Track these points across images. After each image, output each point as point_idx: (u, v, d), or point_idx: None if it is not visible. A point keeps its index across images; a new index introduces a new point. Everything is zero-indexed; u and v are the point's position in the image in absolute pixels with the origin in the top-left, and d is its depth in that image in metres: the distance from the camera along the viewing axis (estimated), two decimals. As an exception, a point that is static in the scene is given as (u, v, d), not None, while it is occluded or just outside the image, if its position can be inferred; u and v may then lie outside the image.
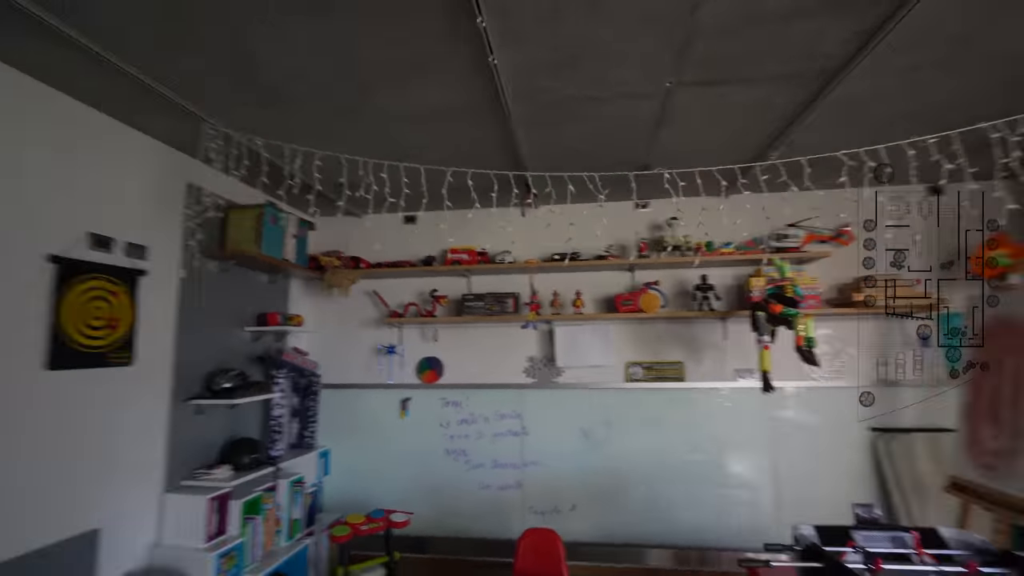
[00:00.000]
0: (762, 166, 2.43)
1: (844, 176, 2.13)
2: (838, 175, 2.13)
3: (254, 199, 2.95)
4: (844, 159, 2.10)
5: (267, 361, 3.11)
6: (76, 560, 2.03)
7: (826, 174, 2.35)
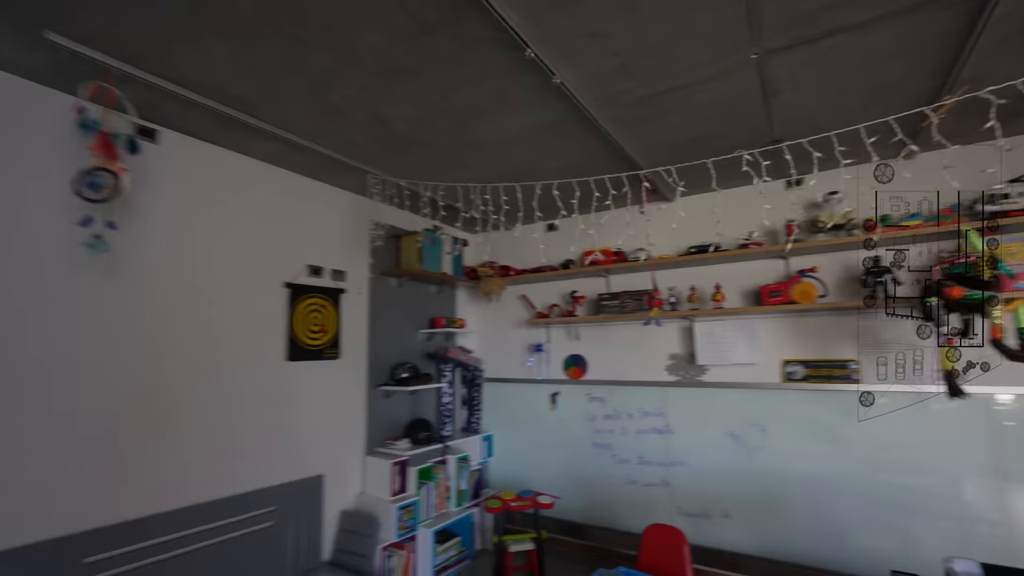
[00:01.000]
0: (937, 112, 1.96)
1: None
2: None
3: (421, 225, 3.65)
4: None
5: (436, 357, 3.77)
6: (312, 494, 2.88)
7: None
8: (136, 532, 2.12)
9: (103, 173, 1.83)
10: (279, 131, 2.37)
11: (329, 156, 2.66)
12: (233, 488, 2.49)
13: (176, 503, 2.27)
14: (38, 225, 1.92)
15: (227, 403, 2.52)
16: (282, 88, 2.04)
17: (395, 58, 1.85)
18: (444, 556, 3.21)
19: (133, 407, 2.17)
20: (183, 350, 2.36)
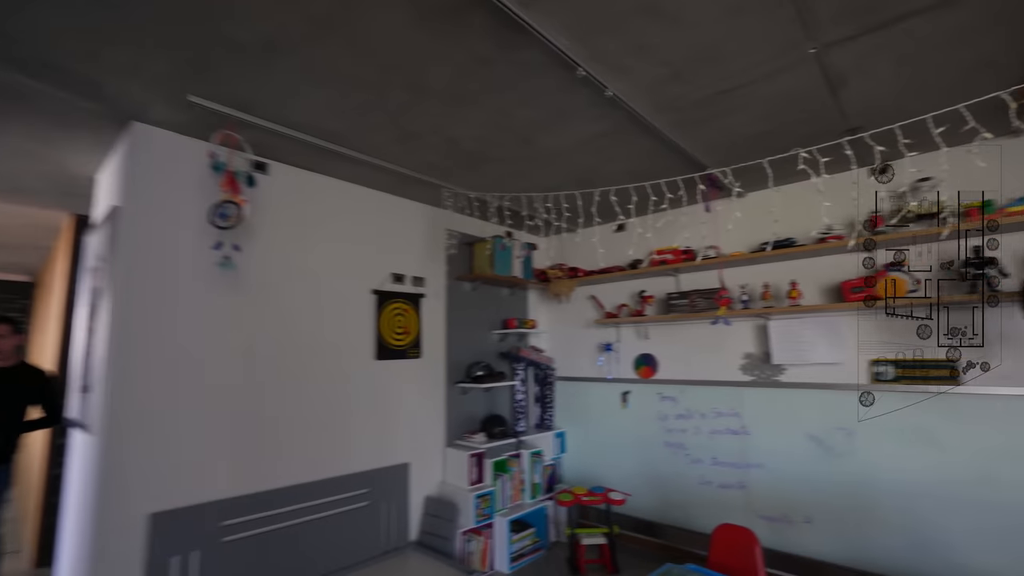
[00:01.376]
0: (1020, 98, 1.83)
1: None
2: None
3: (492, 232, 3.87)
4: None
5: (509, 356, 3.98)
6: (400, 479, 3.20)
7: None
8: (261, 503, 2.53)
9: (230, 205, 2.23)
10: (365, 157, 2.69)
11: (407, 174, 2.96)
12: (336, 470, 2.86)
13: (292, 480, 2.66)
14: (187, 248, 2.37)
15: (330, 396, 2.89)
16: (366, 122, 2.33)
17: (460, 88, 2.06)
18: (519, 544, 3.39)
19: (261, 398, 2.58)
20: (296, 350, 2.75)
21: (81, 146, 2.54)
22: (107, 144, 2.52)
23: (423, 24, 1.67)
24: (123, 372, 2.18)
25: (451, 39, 1.75)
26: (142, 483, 2.19)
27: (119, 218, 2.28)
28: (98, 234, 2.64)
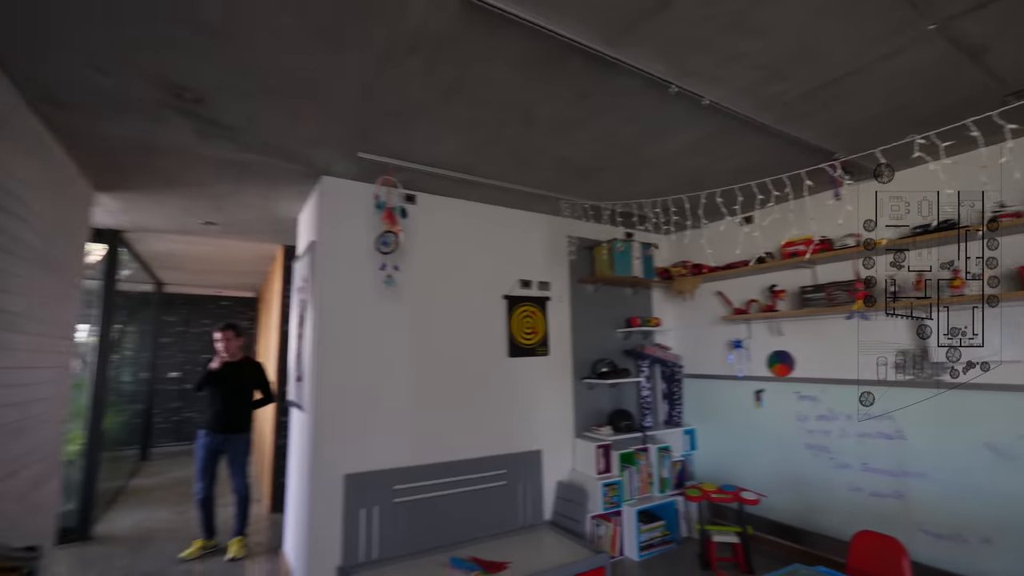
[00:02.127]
0: None
1: None
2: None
3: (612, 235, 4.05)
4: None
5: (633, 354, 4.11)
6: (533, 464, 3.58)
7: None
8: (422, 474, 3.10)
9: (390, 235, 2.82)
10: (491, 181, 3.11)
11: (528, 191, 3.31)
12: (479, 452, 3.34)
13: (445, 457, 3.20)
14: (362, 269, 3.03)
15: (472, 387, 3.38)
16: (489, 154, 2.74)
17: (565, 118, 2.34)
18: (649, 535, 3.53)
19: (421, 387, 3.17)
20: (445, 348, 3.30)
21: (288, 196, 3.39)
22: (304, 193, 3.33)
23: (528, 74, 1.98)
24: (324, 365, 2.90)
25: (552, 82, 2.03)
26: (340, 450, 2.88)
27: (316, 249, 3.03)
28: (302, 261, 3.48)
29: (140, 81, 1.98)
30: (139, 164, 2.82)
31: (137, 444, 6.94)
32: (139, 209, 3.66)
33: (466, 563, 2.86)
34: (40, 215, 2.38)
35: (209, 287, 7.87)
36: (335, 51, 1.81)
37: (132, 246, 4.89)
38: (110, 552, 3.69)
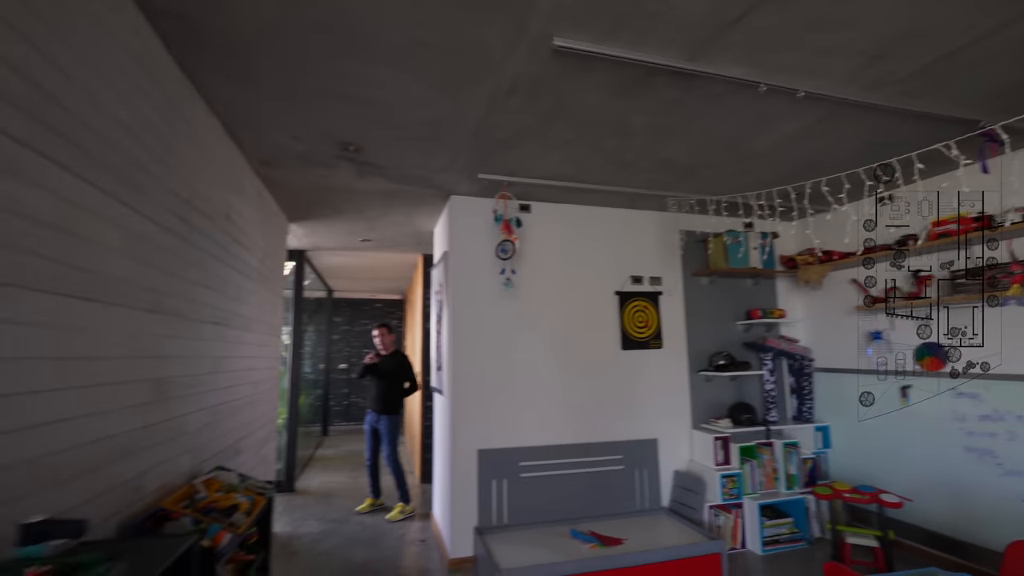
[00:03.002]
0: None
1: None
2: None
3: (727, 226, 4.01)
4: None
5: (754, 346, 4.00)
6: (649, 452, 3.74)
7: None
8: (545, 453, 3.47)
9: (507, 243, 3.24)
10: (595, 186, 3.36)
11: (632, 192, 3.49)
12: (596, 437, 3.61)
13: (564, 440, 3.54)
14: (486, 274, 3.51)
15: (588, 378, 3.67)
16: (590, 163, 3.00)
17: (659, 125, 2.50)
18: (774, 531, 3.46)
19: (542, 377, 3.55)
20: (562, 342, 3.64)
21: (425, 214, 4.01)
22: (438, 210, 3.92)
23: (618, 94, 2.21)
24: (458, 357, 3.42)
25: (642, 98, 2.24)
26: (473, 429, 3.39)
27: (448, 259, 3.58)
28: (437, 268, 4.09)
29: (320, 143, 2.65)
30: (318, 200, 3.64)
31: (319, 422, 8.48)
32: (317, 233, 4.62)
33: (585, 535, 3.16)
34: (258, 244, 3.25)
35: (366, 292, 9.25)
36: (454, 102, 2.24)
37: (311, 261, 6.08)
38: (307, 502, 4.72)
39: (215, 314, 2.41)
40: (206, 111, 2.25)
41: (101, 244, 1.45)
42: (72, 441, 1.34)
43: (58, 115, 1.26)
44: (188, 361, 2.10)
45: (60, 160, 1.26)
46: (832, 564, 1.98)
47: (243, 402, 2.97)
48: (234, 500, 2.01)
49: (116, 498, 1.57)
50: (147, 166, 1.71)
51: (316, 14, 1.66)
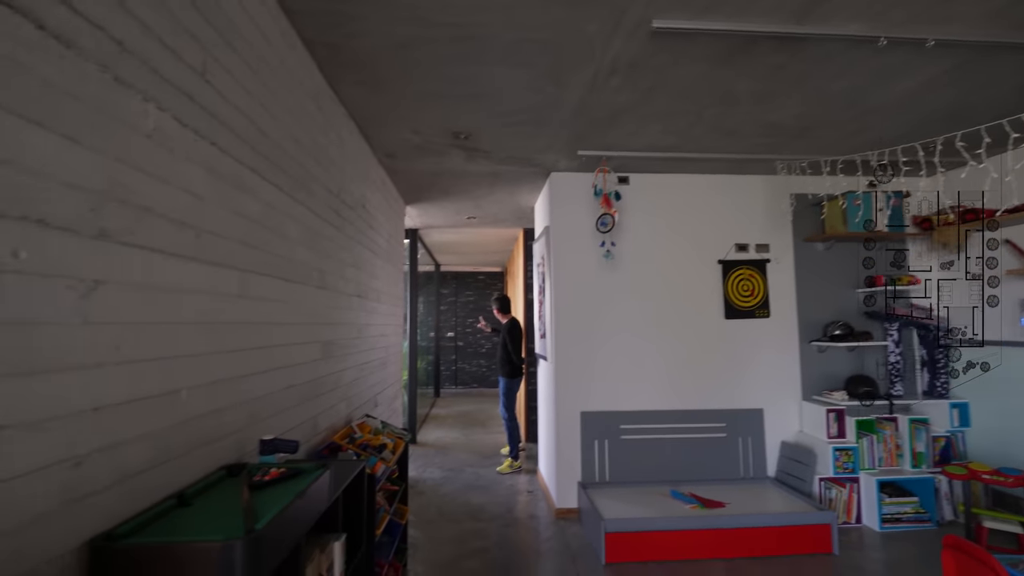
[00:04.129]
0: None
1: None
2: None
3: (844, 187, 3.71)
4: None
5: (877, 316, 3.73)
6: (754, 422, 3.71)
7: None
8: (644, 417, 3.62)
9: (607, 216, 3.36)
10: (696, 155, 3.32)
11: (737, 158, 3.39)
12: (697, 404, 3.68)
13: (664, 406, 3.65)
14: (586, 247, 3.67)
15: (689, 345, 3.71)
16: (691, 133, 2.98)
17: (765, 89, 2.44)
18: (896, 508, 3.30)
19: (641, 344, 3.68)
20: (662, 310, 3.71)
21: (526, 191, 4.23)
22: (538, 187, 4.12)
23: (720, 64, 2.21)
24: (561, 325, 3.66)
25: (745, 65, 2.20)
26: (576, 392, 3.63)
27: (549, 232, 3.78)
28: (539, 242, 4.32)
29: (435, 134, 2.96)
30: (430, 184, 4.02)
31: (432, 385, 9.34)
32: (428, 213, 5.07)
33: (685, 496, 3.29)
34: (384, 226, 3.71)
35: (469, 265, 9.83)
36: (557, 89, 2.39)
37: (423, 239, 6.64)
38: (427, 452, 5.36)
39: (358, 288, 2.87)
40: (346, 116, 2.64)
41: (288, 237, 1.86)
42: (272, 387, 1.78)
43: (261, 140, 1.64)
44: (342, 327, 2.56)
45: (263, 173, 1.65)
46: (952, 537, 1.93)
47: (378, 363, 3.49)
48: (382, 440, 2.45)
49: (301, 432, 2.04)
50: (312, 171, 2.11)
51: (447, 30, 1.90)
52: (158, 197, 1.12)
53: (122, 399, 1.01)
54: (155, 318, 1.11)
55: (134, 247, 1.04)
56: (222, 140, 1.40)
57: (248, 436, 1.57)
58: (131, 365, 1.03)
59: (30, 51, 0.80)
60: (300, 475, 1.39)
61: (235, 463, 1.43)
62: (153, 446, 1.10)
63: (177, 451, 1.19)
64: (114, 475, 0.98)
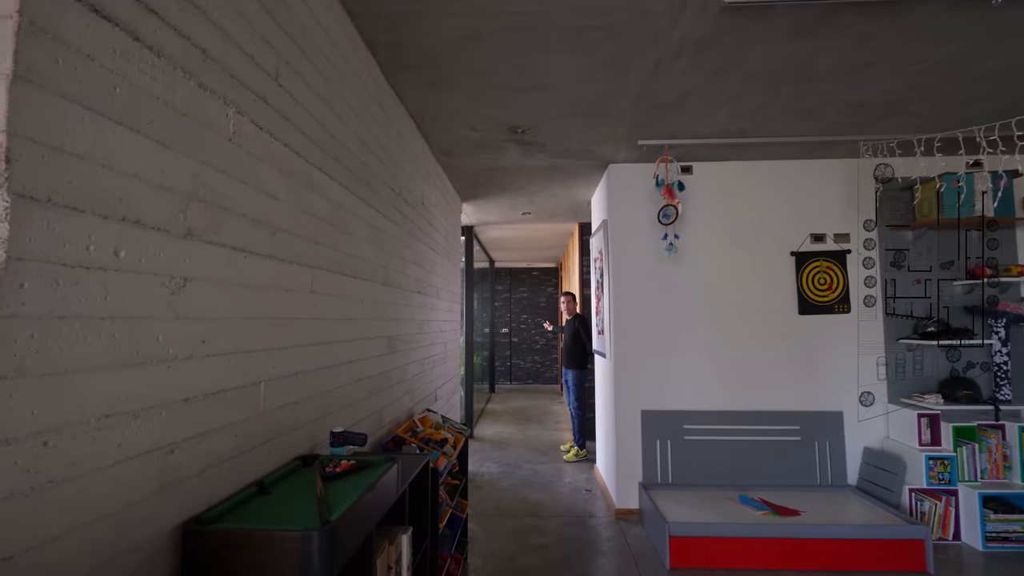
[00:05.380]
0: None
1: None
2: None
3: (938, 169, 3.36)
4: None
5: (978, 311, 3.34)
6: (832, 425, 3.44)
7: None
8: (710, 418, 3.46)
9: (669, 207, 3.22)
10: (768, 139, 3.11)
11: (814, 140, 3.14)
12: (767, 405, 3.46)
13: (733, 407, 3.47)
14: (646, 240, 3.55)
15: (758, 343, 3.50)
16: (763, 115, 2.79)
17: (849, 63, 2.23)
18: (1001, 527, 2.95)
19: (706, 341, 3.52)
20: (726, 306, 3.52)
21: (583, 184, 4.15)
22: (595, 180, 4.02)
23: (796, 38, 2.04)
24: (620, 322, 3.56)
25: (826, 37, 2.02)
26: (636, 390, 3.52)
27: (608, 226, 3.69)
28: (596, 236, 4.23)
29: (493, 130, 2.95)
30: (487, 180, 4.03)
31: (487, 381, 9.44)
32: (483, 210, 5.10)
33: (755, 502, 3.11)
34: (441, 223, 3.75)
35: (523, 261, 9.82)
36: (619, 75, 2.31)
37: (478, 236, 6.70)
38: (484, 447, 5.41)
39: (418, 284, 2.92)
40: (406, 116, 2.69)
41: (354, 235, 1.91)
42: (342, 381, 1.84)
43: (329, 141, 1.69)
44: (404, 323, 2.61)
45: (331, 173, 1.70)
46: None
47: (438, 358, 3.54)
48: (443, 435, 2.48)
49: (368, 424, 2.10)
50: (375, 170, 2.16)
51: (510, 20, 1.88)
52: (238, 197, 1.16)
53: (208, 390, 1.06)
54: (236, 314, 1.16)
55: (217, 245, 1.09)
56: (294, 141, 1.45)
57: (320, 428, 1.62)
58: (216, 358, 1.08)
59: (128, 62, 0.85)
60: (369, 467, 1.42)
61: (308, 454, 1.48)
62: (235, 436, 1.15)
63: (256, 441, 1.24)
64: (202, 463, 1.04)
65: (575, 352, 5.02)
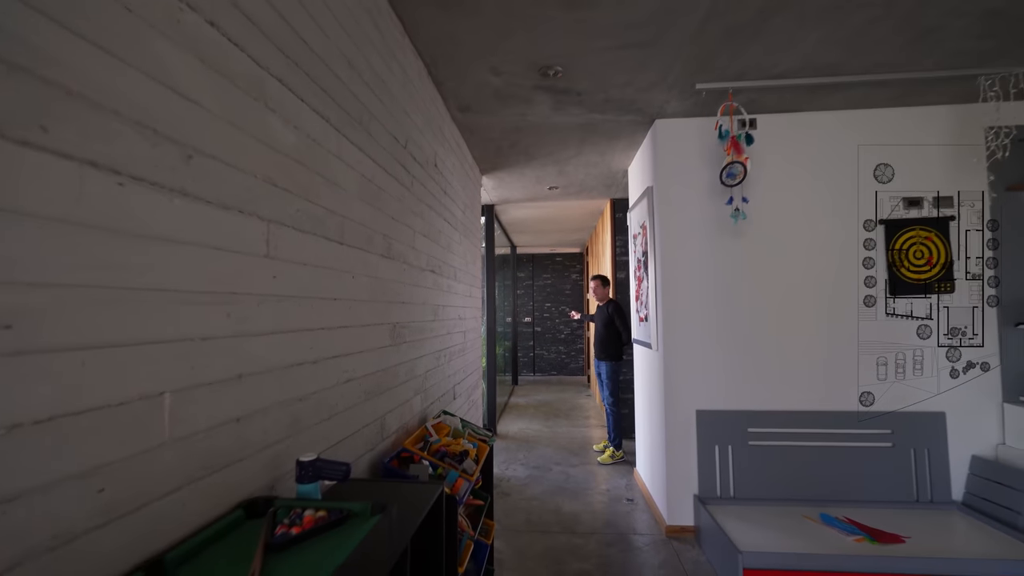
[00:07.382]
0: None
1: None
2: None
3: (1072, 115, 2.71)
4: None
5: None
6: (931, 428, 2.84)
7: None
8: (780, 420, 2.90)
9: (736, 165, 2.63)
10: (863, 77, 2.50)
11: (920, 77, 2.51)
12: (845, 405, 2.88)
13: (809, 407, 2.90)
14: (702, 209, 2.98)
15: (840, 330, 2.91)
16: (867, 40, 2.18)
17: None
18: None
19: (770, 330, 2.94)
20: (805, 287, 2.94)
21: (621, 148, 3.58)
22: (636, 143, 3.45)
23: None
24: (669, 307, 3.01)
25: None
26: (689, 387, 2.98)
27: (652, 195, 3.12)
28: (637, 208, 3.66)
29: (519, 72, 2.41)
30: (510, 144, 3.49)
31: (510, 372, 8.96)
32: (506, 185, 4.57)
33: (843, 523, 2.55)
34: (459, 194, 3.24)
35: (546, 246, 9.27)
36: (687, -25, 1.74)
37: (498, 217, 6.18)
38: (508, 446, 4.93)
39: (432, 262, 2.43)
40: (414, 54, 2.17)
41: (341, 187, 1.41)
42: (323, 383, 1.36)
43: (297, 46, 1.19)
44: (414, 308, 2.12)
45: (300, 93, 1.20)
46: None
47: (456, 349, 3.06)
48: (463, 446, 1.99)
49: (366, 436, 1.62)
50: (371, 107, 1.65)
51: None
52: (105, 78, 0.67)
53: (32, 417, 0.57)
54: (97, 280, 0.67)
55: (50, 153, 0.60)
56: (231, 26, 0.95)
57: (289, 450, 1.14)
58: (48, 356, 0.60)
59: None
60: (346, 521, 0.93)
61: (261, 496, 1.00)
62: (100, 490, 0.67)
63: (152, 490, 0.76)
64: (33, 543, 0.55)
65: (608, 342, 4.47)
